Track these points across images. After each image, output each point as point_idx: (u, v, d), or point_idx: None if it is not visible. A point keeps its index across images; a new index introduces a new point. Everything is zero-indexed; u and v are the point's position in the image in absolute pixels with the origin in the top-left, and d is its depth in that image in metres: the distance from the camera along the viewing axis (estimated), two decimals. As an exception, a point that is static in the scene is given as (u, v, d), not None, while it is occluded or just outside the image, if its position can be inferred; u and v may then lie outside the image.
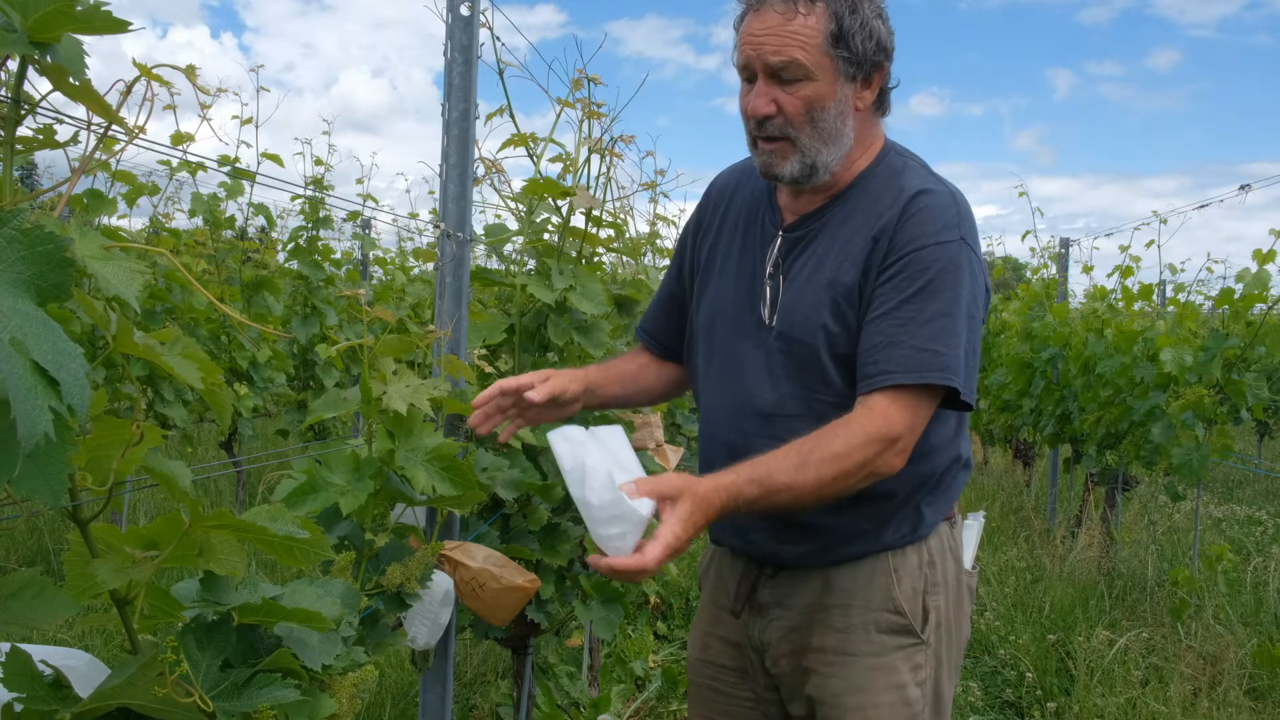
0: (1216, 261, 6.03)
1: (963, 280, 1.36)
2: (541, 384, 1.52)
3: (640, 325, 1.77)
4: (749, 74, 1.39)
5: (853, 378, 1.40)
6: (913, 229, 1.37)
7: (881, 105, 1.46)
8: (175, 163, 4.54)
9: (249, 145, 8.85)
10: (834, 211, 1.46)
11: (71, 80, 0.76)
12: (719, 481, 1.25)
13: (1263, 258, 4.20)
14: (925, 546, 1.49)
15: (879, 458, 1.31)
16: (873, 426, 1.31)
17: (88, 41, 0.76)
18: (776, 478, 1.27)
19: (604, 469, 1.19)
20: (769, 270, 1.48)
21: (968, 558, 1.60)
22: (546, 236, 2.23)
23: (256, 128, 4.93)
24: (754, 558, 1.54)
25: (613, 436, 1.30)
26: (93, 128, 0.82)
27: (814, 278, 1.43)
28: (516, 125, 2.19)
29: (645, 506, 1.17)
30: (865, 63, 1.38)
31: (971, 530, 1.68)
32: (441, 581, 1.66)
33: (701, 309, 1.59)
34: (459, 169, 1.90)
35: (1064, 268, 6.71)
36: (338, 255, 6.15)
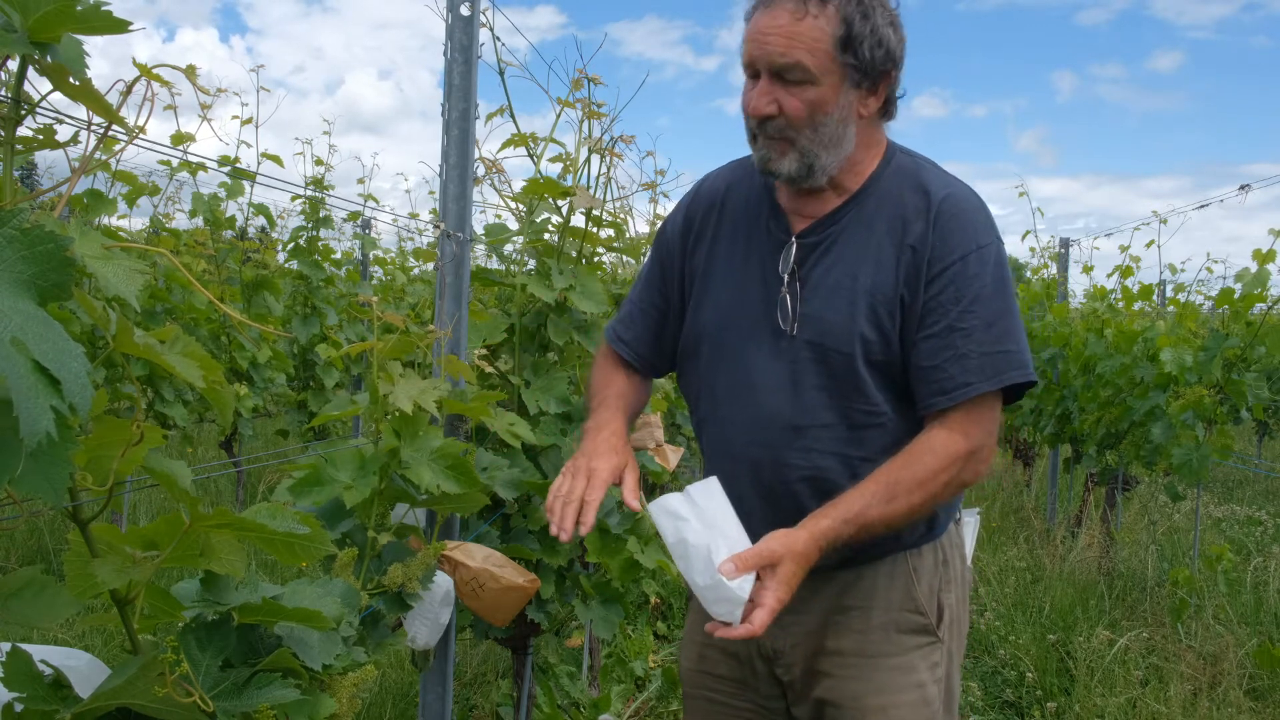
0: (1216, 261, 6.04)
1: (1008, 277, 1.40)
2: (630, 479, 1.42)
3: (616, 334, 1.63)
4: (753, 71, 1.36)
5: (888, 385, 1.39)
6: (954, 237, 1.37)
7: (887, 112, 1.44)
8: (175, 163, 4.54)
9: (249, 145, 8.86)
10: (850, 215, 1.43)
11: (72, 80, 0.76)
12: (815, 531, 1.28)
13: (1262, 258, 4.20)
14: (939, 545, 1.50)
15: (963, 472, 1.35)
16: (954, 445, 1.34)
17: (96, 43, 0.76)
18: (870, 514, 1.30)
19: (704, 548, 1.24)
20: (784, 277, 1.43)
21: (968, 554, 1.62)
22: (546, 236, 2.24)
23: (256, 128, 4.94)
24: None
25: (710, 498, 1.30)
26: (93, 128, 0.82)
27: (843, 284, 1.40)
28: (517, 125, 2.19)
29: (745, 587, 1.23)
30: (872, 71, 1.35)
31: (969, 527, 1.69)
32: (442, 581, 1.66)
33: (701, 320, 1.51)
34: (459, 169, 1.90)
35: (1064, 268, 6.71)
36: (338, 255, 6.15)
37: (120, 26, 0.74)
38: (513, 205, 2.25)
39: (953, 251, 1.36)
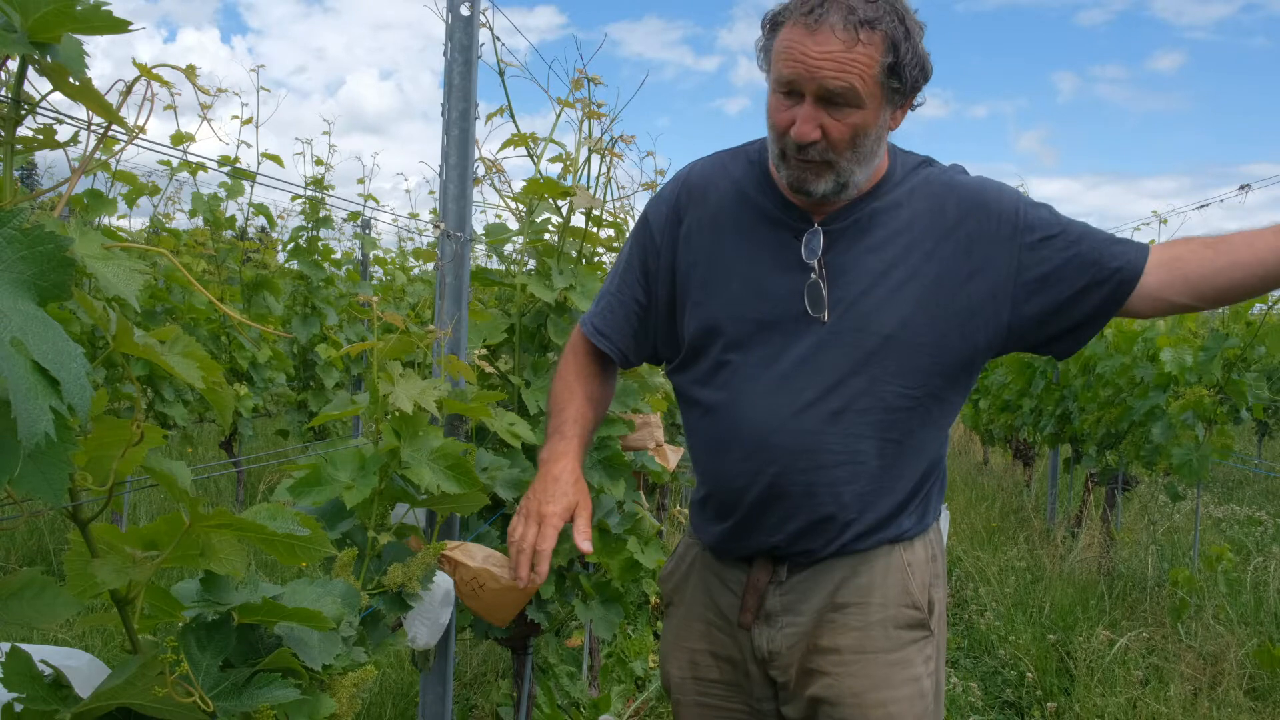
0: (1216, 261, 6.00)
1: None
2: (581, 520, 1.45)
3: (595, 328, 1.61)
4: (790, 89, 1.34)
5: (925, 368, 1.41)
6: (1004, 200, 1.46)
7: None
8: (175, 163, 4.55)
9: (249, 145, 8.86)
10: (872, 205, 1.44)
11: (72, 80, 0.76)
12: None
13: (1263, 258, 4.19)
14: (928, 540, 1.52)
15: None
16: None
17: (97, 43, 0.76)
18: None
19: None
20: (814, 264, 1.43)
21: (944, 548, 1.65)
22: (546, 236, 2.24)
23: (257, 128, 4.95)
24: (780, 558, 1.49)
25: None
26: (93, 128, 0.82)
27: (877, 269, 1.42)
28: (517, 125, 2.19)
29: None
30: (909, 90, 1.38)
31: (944, 521, 1.72)
32: (442, 581, 1.66)
33: (709, 313, 1.48)
34: (459, 169, 1.90)
35: (1064, 268, 6.70)
36: (338, 255, 6.16)
37: (120, 26, 0.74)
38: (513, 205, 2.25)
39: (1016, 206, 1.44)
